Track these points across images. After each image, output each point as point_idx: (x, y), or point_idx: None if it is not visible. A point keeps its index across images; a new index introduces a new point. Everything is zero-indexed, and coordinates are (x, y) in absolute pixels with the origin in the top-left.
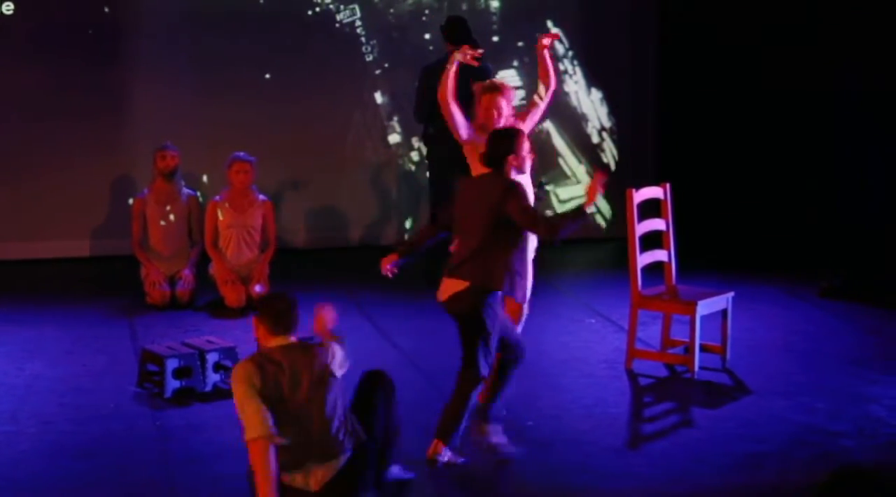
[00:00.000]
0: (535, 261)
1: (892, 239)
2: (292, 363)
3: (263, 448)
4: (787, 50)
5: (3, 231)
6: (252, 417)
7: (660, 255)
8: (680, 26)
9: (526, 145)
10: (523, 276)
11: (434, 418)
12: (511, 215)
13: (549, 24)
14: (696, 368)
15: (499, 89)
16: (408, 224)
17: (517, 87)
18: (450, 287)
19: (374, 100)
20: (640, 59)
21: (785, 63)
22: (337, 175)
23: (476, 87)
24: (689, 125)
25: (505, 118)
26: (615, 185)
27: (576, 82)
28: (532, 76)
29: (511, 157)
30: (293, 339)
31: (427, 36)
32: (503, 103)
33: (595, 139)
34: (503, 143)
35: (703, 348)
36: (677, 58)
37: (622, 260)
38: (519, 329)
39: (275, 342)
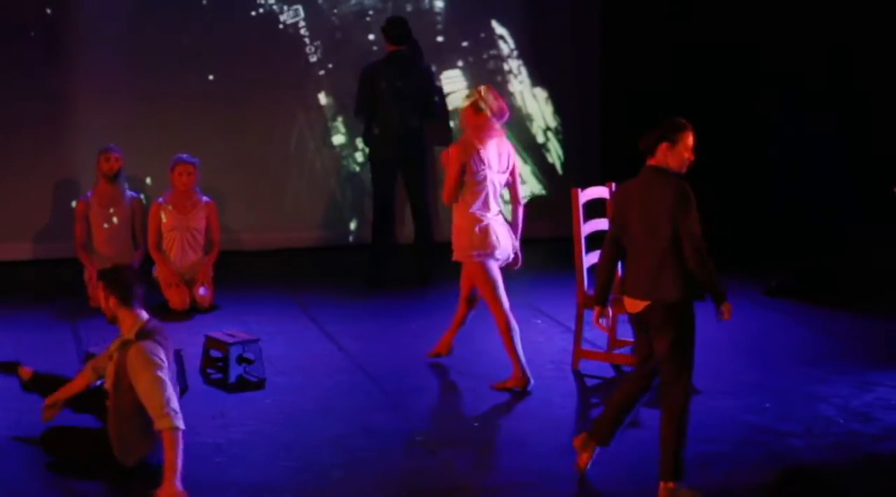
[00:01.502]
0: None
1: (837, 236)
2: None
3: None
4: (732, 46)
5: None
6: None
7: None
8: (623, 23)
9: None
10: None
11: (378, 418)
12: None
13: (494, 23)
14: None
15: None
16: (352, 225)
17: (462, 89)
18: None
19: (317, 101)
20: (584, 58)
21: (729, 58)
22: (281, 176)
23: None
24: (634, 124)
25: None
26: (560, 184)
27: (520, 82)
28: (477, 76)
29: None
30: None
31: (371, 36)
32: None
33: (540, 139)
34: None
35: None
36: (621, 56)
37: (568, 260)
38: None
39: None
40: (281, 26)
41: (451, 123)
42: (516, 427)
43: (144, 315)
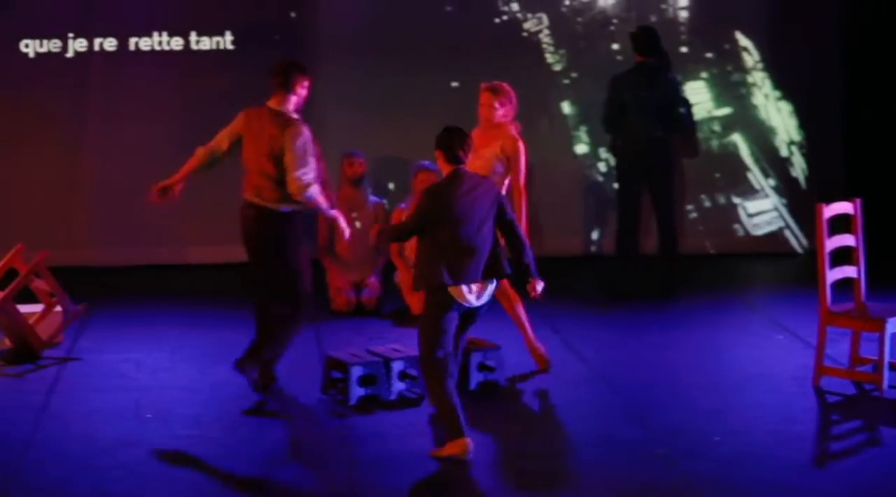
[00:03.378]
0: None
1: None
2: None
3: None
4: None
5: (194, 235)
6: None
7: (849, 271)
8: (870, 36)
9: None
10: None
11: (618, 429)
12: None
13: (738, 34)
14: (885, 386)
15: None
16: (594, 235)
17: (706, 100)
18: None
19: (560, 109)
20: (830, 71)
21: None
22: None
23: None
24: (881, 139)
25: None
26: (804, 198)
27: (764, 95)
28: (721, 88)
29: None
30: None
31: (615, 45)
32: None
33: (784, 153)
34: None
35: (892, 366)
36: (867, 70)
37: (811, 275)
38: None
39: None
40: (525, 34)
41: (699, 134)
42: (756, 442)
43: None
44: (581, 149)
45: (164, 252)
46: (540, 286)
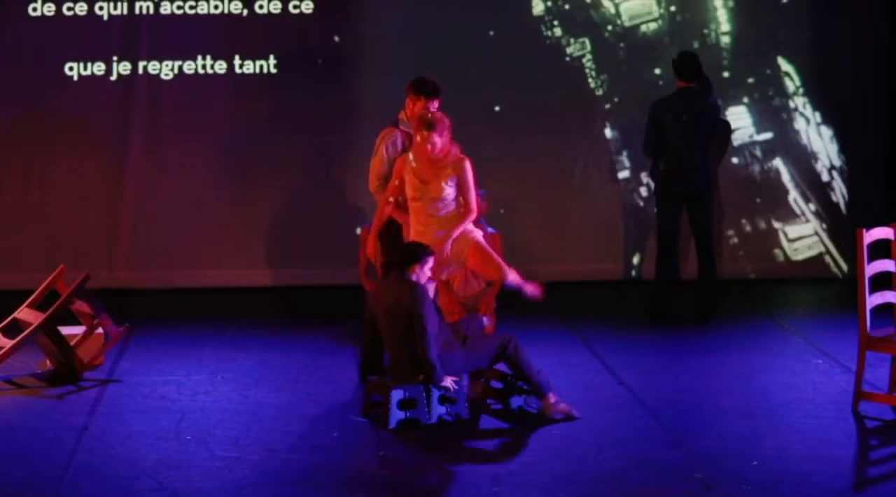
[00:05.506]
0: None
1: None
2: None
3: None
4: None
5: (232, 259)
6: None
7: (889, 296)
8: None
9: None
10: None
11: (656, 454)
12: None
13: (780, 60)
14: None
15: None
16: (635, 260)
17: (748, 125)
18: None
19: (603, 134)
20: (872, 97)
21: None
22: (564, 208)
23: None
24: None
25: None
26: (846, 225)
27: (806, 120)
28: (763, 112)
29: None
30: None
31: (658, 70)
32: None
33: (825, 178)
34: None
35: None
36: None
37: (851, 300)
38: None
39: None
40: (567, 58)
41: (735, 160)
42: (793, 468)
43: None
44: (623, 174)
45: (205, 275)
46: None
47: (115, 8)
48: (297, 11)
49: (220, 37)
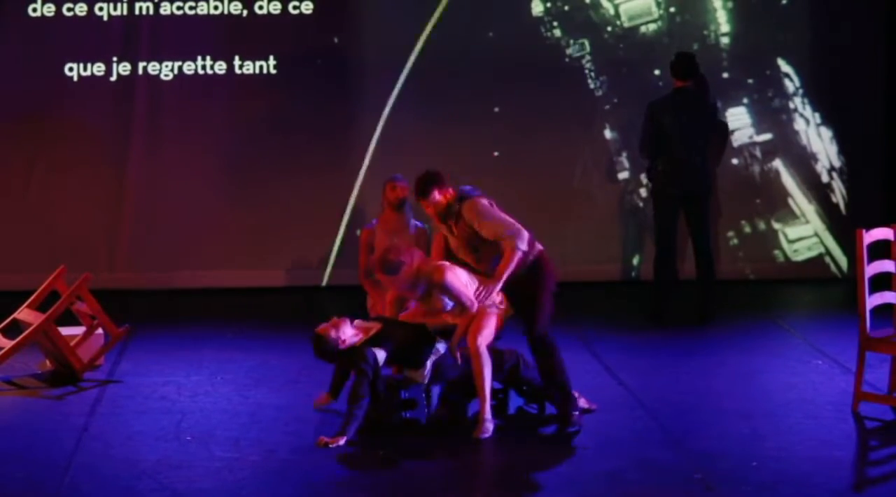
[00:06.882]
0: None
1: None
2: None
3: None
4: None
5: (232, 259)
6: None
7: (889, 296)
8: None
9: None
10: None
11: (655, 454)
12: None
13: (780, 61)
14: None
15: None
16: (634, 261)
17: (747, 126)
18: None
19: (602, 135)
20: (871, 98)
21: None
22: (563, 209)
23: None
24: None
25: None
26: (846, 225)
27: (805, 121)
28: (762, 113)
29: None
30: None
31: (657, 72)
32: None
33: (824, 179)
34: None
35: None
36: None
37: (851, 301)
38: None
39: None
40: (566, 59)
41: (735, 161)
42: (793, 468)
43: None
44: (622, 174)
45: (205, 276)
46: None
47: (115, 9)
48: (296, 12)
49: (219, 37)
